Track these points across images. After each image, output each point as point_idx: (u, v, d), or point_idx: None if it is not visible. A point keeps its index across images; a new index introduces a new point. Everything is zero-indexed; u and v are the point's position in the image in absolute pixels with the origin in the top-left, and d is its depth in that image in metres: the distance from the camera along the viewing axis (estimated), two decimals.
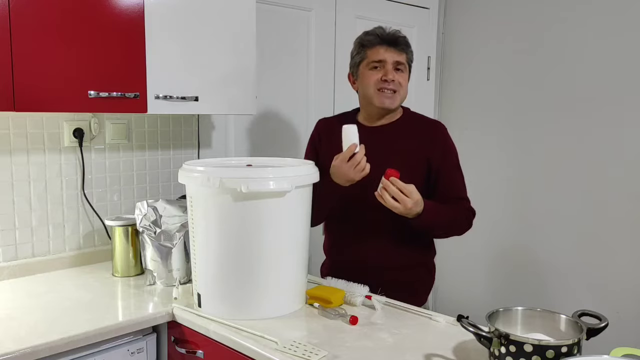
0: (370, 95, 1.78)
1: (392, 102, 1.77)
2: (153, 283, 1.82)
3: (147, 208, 1.83)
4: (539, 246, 2.93)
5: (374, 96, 1.77)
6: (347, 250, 1.87)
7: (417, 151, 1.78)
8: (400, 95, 1.78)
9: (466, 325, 1.24)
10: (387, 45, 1.75)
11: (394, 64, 1.75)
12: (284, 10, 2.56)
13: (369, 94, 1.78)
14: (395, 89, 1.75)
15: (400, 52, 1.76)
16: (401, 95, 1.78)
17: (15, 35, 1.52)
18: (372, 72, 1.76)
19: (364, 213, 1.80)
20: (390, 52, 1.75)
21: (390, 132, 1.82)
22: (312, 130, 1.99)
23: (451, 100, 3.29)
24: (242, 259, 1.51)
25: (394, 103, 1.77)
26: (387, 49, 1.75)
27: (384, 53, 1.74)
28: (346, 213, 1.84)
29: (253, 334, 1.42)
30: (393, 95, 1.76)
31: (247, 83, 2.06)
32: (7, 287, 1.80)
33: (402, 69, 1.77)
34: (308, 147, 1.98)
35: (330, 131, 1.87)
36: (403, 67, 1.77)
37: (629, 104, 2.58)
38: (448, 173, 1.79)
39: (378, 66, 1.76)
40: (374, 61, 1.76)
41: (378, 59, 1.75)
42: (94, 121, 2.06)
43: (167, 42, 1.83)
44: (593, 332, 1.21)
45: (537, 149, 2.90)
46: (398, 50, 1.75)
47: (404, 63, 1.77)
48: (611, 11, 2.60)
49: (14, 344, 1.34)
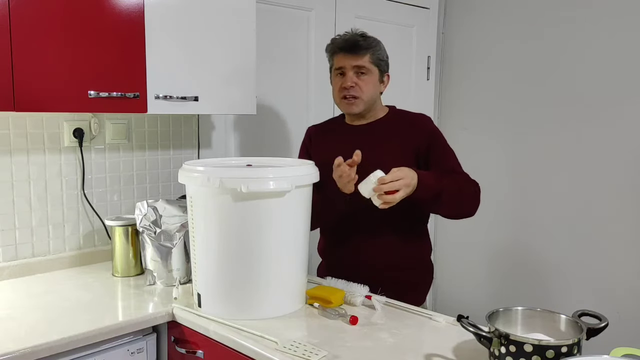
0: (337, 103, 1.86)
1: (355, 108, 1.81)
2: (153, 283, 1.82)
3: (147, 208, 1.83)
4: (539, 246, 2.93)
5: (339, 104, 1.84)
6: (342, 251, 1.88)
7: (403, 143, 1.81)
8: (364, 99, 1.79)
9: (466, 325, 1.24)
10: (345, 52, 1.78)
11: (355, 69, 1.77)
12: (284, 10, 2.56)
13: (337, 102, 1.86)
14: (356, 95, 1.78)
15: (360, 56, 1.77)
16: (364, 98, 1.79)
17: (15, 35, 1.52)
18: (336, 79, 1.82)
19: (357, 214, 1.81)
20: (349, 58, 1.77)
21: (374, 129, 1.85)
22: (304, 137, 2.02)
23: (451, 100, 3.29)
24: (242, 259, 1.51)
25: (357, 108, 1.81)
26: (345, 55, 1.78)
27: (343, 60, 1.79)
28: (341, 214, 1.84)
29: (253, 334, 1.42)
30: (355, 101, 1.79)
31: (247, 83, 2.06)
32: (7, 287, 1.80)
33: (365, 72, 1.78)
34: (300, 153, 2.01)
35: (321, 135, 1.95)
36: (365, 69, 1.78)
37: (629, 103, 2.58)
38: (438, 153, 1.80)
39: (341, 73, 1.80)
40: (337, 68, 1.81)
41: (339, 66, 1.80)
42: (94, 121, 2.06)
43: (167, 42, 1.83)
44: (593, 332, 1.21)
45: (537, 149, 2.90)
46: (357, 54, 1.77)
47: (365, 66, 1.78)
48: (611, 11, 2.60)
49: (14, 344, 1.34)
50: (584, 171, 2.74)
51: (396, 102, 1.97)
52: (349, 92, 1.78)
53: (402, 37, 3.10)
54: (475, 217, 1.83)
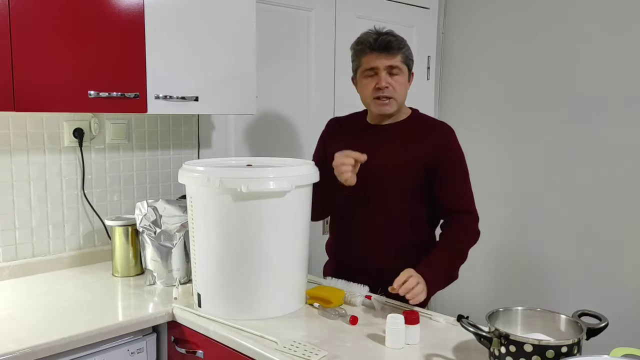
0: (367, 103, 1.80)
1: (389, 108, 1.77)
2: (153, 283, 1.82)
3: (147, 208, 1.83)
4: (539, 246, 2.93)
5: (371, 104, 1.78)
6: (349, 251, 1.87)
7: (419, 151, 1.78)
8: (397, 100, 1.76)
9: (466, 325, 1.24)
10: (378, 51, 1.73)
11: (387, 69, 1.73)
12: (284, 10, 2.55)
13: (367, 103, 1.80)
14: (390, 95, 1.74)
15: (393, 55, 1.73)
16: (398, 99, 1.76)
17: (15, 35, 1.52)
18: (367, 80, 1.76)
19: (367, 215, 1.80)
20: (382, 58, 1.72)
21: (394, 132, 1.82)
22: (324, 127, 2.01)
23: (451, 100, 3.29)
24: (242, 259, 1.51)
25: (390, 109, 1.77)
26: (378, 55, 1.73)
27: (376, 60, 1.73)
28: (349, 214, 1.84)
29: (253, 334, 1.42)
30: (389, 102, 1.75)
31: (247, 83, 2.06)
32: (7, 287, 1.80)
33: (397, 72, 1.75)
34: (318, 144, 1.99)
35: (340, 130, 1.93)
36: (397, 70, 1.74)
37: (630, 103, 2.58)
38: (445, 174, 1.76)
39: (372, 74, 1.75)
40: (367, 69, 1.75)
41: (370, 67, 1.74)
42: (94, 121, 2.06)
43: (167, 42, 1.83)
44: (593, 332, 1.21)
45: (537, 149, 2.90)
46: (390, 54, 1.73)
47: (398, 66, 1.74)
48: (611, 11, 2.60)
49: (14, 344, 1.34)
50: (584, 171, 2.74)
51: None
52: (383, 92, 1.73)
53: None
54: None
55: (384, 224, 1.79)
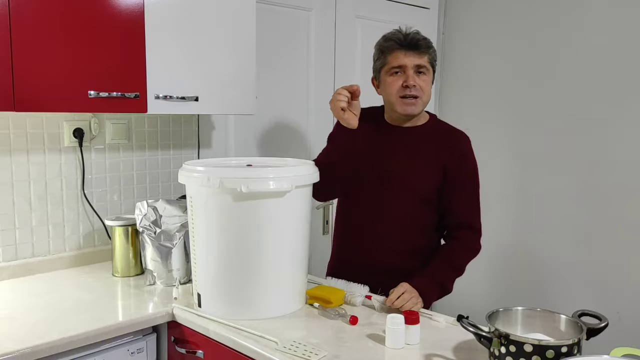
0: (392, 102, 1.75)
1: (415, 109, 1.73)
2: (153, 283, 1.82)
3: (147, 208, 1.83)
4: (539, 246, 2.93)
5: (396, 103, 1.74)
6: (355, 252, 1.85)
7: (435, 158, 1.76)
8: (423, 100, 1.74)
9: (466, 325, 1.24)
10: (407, 49, 1.70)
11: (415, 68, 1.71)
12: (284, 10, 2.55)
13: (392, 102, 1.75)
14: (417, 95, 1.71)
15: (421, 54, 1.71)
16: (424, 100, 1.74)
17: (15, 35, 1.52)
18: (393, 78, 1.73)
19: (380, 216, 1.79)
20: (410, 56, 1.70)
21: (412, 135, 1.80)
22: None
23: (451, 100, 3.29)
24: (242, 259, 1.51)
25: (417, 109, 1.74)
26: (407, 53, 1.70)
27: (404, 58, 1.70)
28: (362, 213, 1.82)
29: (253, 334, 1.42)
30: (415, 101, 1.72)
31: (247, 83, 2.06)
32: (7, 287, 1.80)
33: (424, 72, 1.72)
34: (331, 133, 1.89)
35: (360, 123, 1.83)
36: (425, 69, 1.72)
37: (630, 102, 2.58)
38: (463, 191, 1.76)
39: (399, 71, 1.72)
40: (394, 67, 1.72)
41: (398, 65, 1.71)
42: (94, 121, 2.06)
43: (167, 42, 1.83)
44: (593, 332, 1.21)
45: (537, 149, 2.90)
46: (418, 53, 1.70)
47: (426, 65, 1.72)
48: (611, 11, 2.60)
49: (14, 344, 1.34)
50: (585, 171, 2.74)
51: None
52: (410, 91, 1.70)
53: None
54: None
55: (396, 226, 1.78)
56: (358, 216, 1.84)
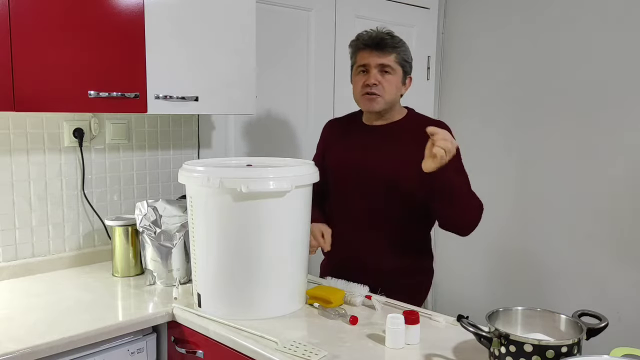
0: (357, 100, 1.82)
1: (376, 105, 1.77)
2: (153, 283, 1.82)
3: (147, 208, 1.83)
4: (539, 246, 2.93)
5: (360, 100, 1.81)
6: (346, 250, 1.87)
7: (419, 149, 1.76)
8: (385, 99, 1.77)
9: (466, 325, 1.24)
10: (372, 49, 1.74)
11: (379, 67, 1.74)
12: (284, 10, 2.55)
13: (357, 99, 1.83)
14: (378, 93, 1.75)
15: (386, 54, 1.74)
16: (386, 98, 1.77)
17: (15, 35, 1.52)
18: (359, 77, 1.79)
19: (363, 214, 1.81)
20: (374, 55, 1.74)
21: (391, 132, 1.83)
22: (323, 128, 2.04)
23: (451, 100, 3.29)
24: (242, 259, 1.51)
25: (377, 106, 1.77)
26: (371, 52, 1.74)
27: (368, 57, 1.75)
28: (347, 214, 1.85)
29: (253, 334, 1.42)
30: (377, 99, 1.76)
31: (247, 83, 2.06)
32: (7, 287, 1.80)
33: (389, 71, 1.75)
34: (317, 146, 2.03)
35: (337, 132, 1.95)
36: (390, 69, 1.75)
37: (630, 103, 2.58)
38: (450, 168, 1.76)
39: (364, 70, 1.77)
40: (360, 65, 1.78)
41: (362, 63, 1.76)
42: (94, 121, 2.06)
43: (167, 42, 1.83)
44: (593, 332, 1.21)
45: (537, 149, 2.90)
46: (383, 53, 1.74)
47: (390, 65, 1.75)
48: (612, 11, 2.60)
49: (14, 344, 1.34)
50: (585, 171, 2.74)
51: None
52: (371, 89, 1.75)
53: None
54: None
55: (379, 223, 1.80)
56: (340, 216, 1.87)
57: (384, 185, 1.78)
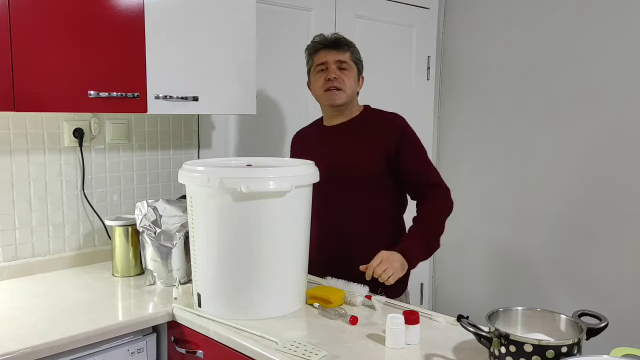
0: (319, 96, 1.91)
1: (339, 99, 1.86)
2: (153, 283, 1.82)
3: (147, 208, 1.83)
4: (539, 246, 2.93)
5: (322, 97, 1.89)
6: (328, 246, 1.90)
7: (374, 143, 1.86)
8: (346, 92, 1.86)
9: (466, 325, 1.24)
10: (329, 48, 1.88)
11: (337, 64, 1.86)
12: (284, 10, 2.56)
13: (319, 95, 1.91)
14: (339, 87, 1.85)
15: (342, 52, 1.87)
16: (347, 91, 1.86)
17: (15, 35, 1.52)
18: (318, 75, 1.89)
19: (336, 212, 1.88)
20: (332, 53, 1.87)
21: (348, 129, 1.91)
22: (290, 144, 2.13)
23: (451, 100, 3.29)
24: (242, 259, 1.51)
25: (340, 99, 1.86)
26: (329, 51, 1.87)
27: (326, 55, 1.87)
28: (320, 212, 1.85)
29: (253, 334, 1.42)
30: (339, 93, 1.86)
31: (247, 83, 2.06)
32: (7, 287, 1.80)
33: (347, 67, 1.87)
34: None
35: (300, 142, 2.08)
36: (347, 65, 1.87)
37: (630, 104, 2.58)
38: (406, 155, 1.84)
39: (323, 68, 1.88)
40: (319, 64, 1.89)
41: (322, 62, 1.88)
42: (94, 121, 2.06)
43: (167, 42, 1.83)
44: (593, 332, 1.21)
45: (537, 148, 2.90)
46: (339, 50, 1.87)
47: (347, 61, 1.87)
48: (612, 12, 2.60)
49: (14, 344, 1.34)
50: (585, 171, 2.74)
51: (396, 102, 1.99)
52: (332, 83, 1.85)
53: (402, 37, 3.10)
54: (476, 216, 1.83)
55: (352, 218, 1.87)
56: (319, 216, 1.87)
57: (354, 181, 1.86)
